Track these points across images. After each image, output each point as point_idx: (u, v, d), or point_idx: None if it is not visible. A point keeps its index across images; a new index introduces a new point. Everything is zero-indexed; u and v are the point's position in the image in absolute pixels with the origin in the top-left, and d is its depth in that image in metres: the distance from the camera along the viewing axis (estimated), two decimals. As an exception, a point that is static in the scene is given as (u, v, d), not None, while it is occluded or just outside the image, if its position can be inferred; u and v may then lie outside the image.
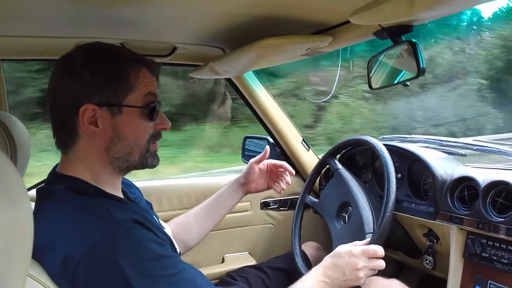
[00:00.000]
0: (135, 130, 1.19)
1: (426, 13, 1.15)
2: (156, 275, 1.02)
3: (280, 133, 2.38)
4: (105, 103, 1.13)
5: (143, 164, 1.24)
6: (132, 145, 1.19)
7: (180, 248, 1.65)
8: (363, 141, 1.86)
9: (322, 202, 1.99)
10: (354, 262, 1.38)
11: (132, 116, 1.17)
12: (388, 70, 1.44)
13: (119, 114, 1.15)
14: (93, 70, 1.12)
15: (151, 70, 1.23)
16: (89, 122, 1.12)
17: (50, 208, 1.08)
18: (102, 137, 1.15)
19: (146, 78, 1.20)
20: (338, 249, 1.46)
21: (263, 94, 2.28)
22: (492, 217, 1.51)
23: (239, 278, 1.83)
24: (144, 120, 1.19)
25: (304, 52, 1.58)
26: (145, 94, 1.19)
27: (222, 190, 1.85)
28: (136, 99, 1.17)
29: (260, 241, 2.41)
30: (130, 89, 1.16)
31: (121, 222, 1.05)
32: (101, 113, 1.13)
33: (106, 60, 1.14)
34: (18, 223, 0.58)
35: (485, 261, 1.56)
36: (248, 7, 1.24)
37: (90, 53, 1.16)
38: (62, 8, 1.21)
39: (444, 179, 1.73)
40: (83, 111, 1.11)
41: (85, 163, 1.17)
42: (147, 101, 1.19)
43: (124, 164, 1.21)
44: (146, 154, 1.23)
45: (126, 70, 1.15)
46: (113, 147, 1.17)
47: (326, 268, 1.42)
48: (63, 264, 0.99)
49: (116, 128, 1.16)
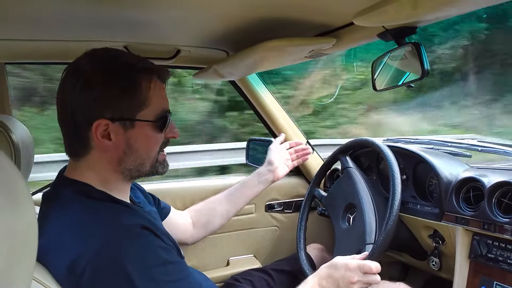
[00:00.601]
0: (147, 143, 1.19)
1: (430, 15, 1.15)
2: (163, 280, 1.03)
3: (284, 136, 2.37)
4: (118, 118, 1.12)
5: (153, 173, 1.26)
6: (144, 156, 1.19)
7: (200, 233, 1.77)
8: (368, 143, 1.86)
9: (330, 197, 1.99)
10: (349, 276, 1.38)
11: (144, 130, 1.17)
12: (392, 72, 1.44)
13: (132, 128, 1.15)
14: (105, 81, 1.10)
15: (162, 78, 1.22)
16: (102, 136, 1.11)
17: (57, 211, 1.08)
18: (115, 150, 1.15)
19: (158, 89, 1.19)
20: (335, 261, 1.45)
21: (267, 97, 2.28)
22: (498, 218, 1.50)
23: (244, 280, 1.84)
24: (156, 133, 1.20)
25: (308, 54, 1.58)
26: (158, 106, 1.18)
27: (245, 180, 1.91)
28: (149, 113, 1.16)
29: (265, 243, 2.41)
30: (143, 103, 1.15)
31: (129, 227, 1.06)
32: (114, 127, 1.12)
33: (118, 70, 1.13)
34: (22, 227, 0.58)
35: (491, 262, 1.55)
36: (252, 9, 1.24)
37: (101, 62, 1.14)
38: (66, 11, 1.21)
39: (449, 180, 1.72)
40: (96, 126, 1.10)
41: (95, 171, 1.17)
42: (159, 113, 1.18)
43: (135, 173, 1.21)
44: (156, 164, 1.24)
45: (139, 82, 1.14)
46: (125, 159, 1.17)
47: (321, 279, 1.42)
48: (70, 268, 0.99)
49: (128, 141, 1.15)
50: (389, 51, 1.41)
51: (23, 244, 0.58)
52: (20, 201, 0.58)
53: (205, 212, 1.84)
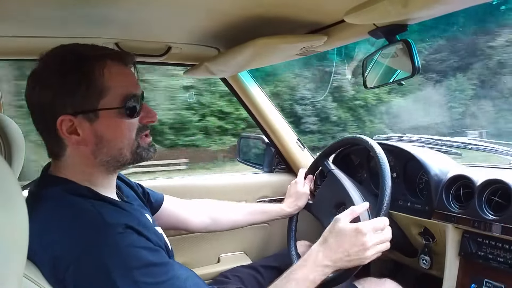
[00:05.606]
0: (118, 131, 1.15)
1: (421, 13, 1.15)
2: (145, 282, 1.02)
3: (275, 133, 2.39)
4: (79, 111, 1.09)
5: (138, 160, 1.22)
6: (120, 146, 1.16)
7: (206, 221, 1.82)
8: (358, 140, 1.86)
9: (316, 203, 1.99)
10: (363, 241, 1.34)
11: (111, 119, 1.13)
12: (383, 69, 1.44)
13: (96, 119, 1.11)
14: (59, 77, 1.08)
15: (122, 61, 1.17)
16: (69, 132, 1.10)
17: (41, 209, 1.07)
18: (87, 144, 1.13)
19: (116, 74, 1.13)
20: (341, 226, 1.39)
21: (258, 94, 2.28)
22: (488, 216, 1.51)
23: (233, 277, 1.84)
24: (125, 119, 1.15)
25: (299, 51, 1.58)
26: (120, 91, 1.13)
27: (266, 208, 2.01)
28: (111, 99, 1.12)
29: (255, 240, 2.41)
30: (101, 90, 1.10)
31: (112, 227, 1.04)
32: (79, 121, 1.10)
33: (69, 65, 1.09)
34: (13, 224, 0.57)
35: (481, 260, 1.56)
36: (243, 7, 1.24)
37: (53, 60, 1.11)
38: (57, 8, 1.20)
39: (440, 177, 1.73)
40: (60, 123, 1.09)
41: (76, 168, 1.15)
42: (124, 98, 1.13)
43: (116, 164, 1.18)
44: (138, 150, 1.20)
45: (91, 70, 1.10)
46: (99, 151, 1.14)
47: (327, 250, 1.36)
48: (53, 264, 0.99)
49: (97, 133, 1.12)
50: (380, 48, 1.42)
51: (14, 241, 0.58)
52: (12, 198, 0.58)
53: (219, 209, 1.90)
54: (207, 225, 1.85)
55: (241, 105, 2.35)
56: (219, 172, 9.19)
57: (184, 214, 1.78)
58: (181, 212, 1.77)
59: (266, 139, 2.50)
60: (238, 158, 2.70)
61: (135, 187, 1.54)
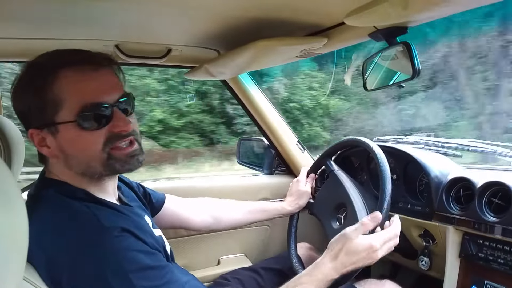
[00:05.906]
0: (79, 145, 1.10)
1: (421, 15, 1.15)
2: (141, 286, 1.02)
3: (275, 135, 2.38)
4: (42, 125, 1.08)
5: (113, 172, 1.17)
6: (85, 159, 1.11)
7: (208, 220, 1.82)
8: (358, 142, 1.85)
9: (317, 203, 1.99)
10: (374, 255, 1.35)
11: (70, 132, 1.07)
12: (383, 72, 1.44)
13: (57, 133, 1.08)
14: (23, 91, 1.09)
15: (84, 66, 1.09)
16: (40, 145, 1.10)
17: (39, 211, 1.06)
18: (57, 157, 1.12)
19: (73, 81, 1.07)
20: (353, 244, 1.35)
21: (258, 96, 2.28)
22: (488, 218, 1.51)
23: (233, 279, 1.83)
24: (86, 131, 1.08)
25: (299, 53, 1.58)
26: (76, 101, 1.06)
27: (266, 207, 2.00)
28: (67, 111, 1.06)
29: (255, 242, 2.41)
30: (57, 103, 1.05)
31: (109, 230, 1.04)
32: (45, 135, 1.09)
33: (31, 76, 1.08)
34: (13, 226, 0.57)
35: (482, 261, 1.56)
36: (243, 9, 1.23)
37: (23, 73, 1.11)
38: (57, 9, 1.20)
39: (440, 179, 1.73)
40: (31, 136, 1.10)
41: (66, 173, 1.15)
42: (80, 109, 1.06)
43: (94, 175, 1.14)
44: (109, 162, 1.12)
45: (48, 82, 1.05)
46: (70, 163, 1.12)
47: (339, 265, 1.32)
48: (50, 266, 0.99)
49: (61, 147, 1.10)
50: (380, 50, 1.42)
51: (14, 243, 0.58)
52: (12, 200, 0.58)
53: (222, 208, 1.91)
54: (209, 224, 1.85)
55: (241, 107, 2.35)
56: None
57: (186, 213, 1.78)
58: (182, 211, 1.77)
59: (266, 141, 2.50)
60: (238, 160, 2.70)
61: (135, 188, 1.54)
